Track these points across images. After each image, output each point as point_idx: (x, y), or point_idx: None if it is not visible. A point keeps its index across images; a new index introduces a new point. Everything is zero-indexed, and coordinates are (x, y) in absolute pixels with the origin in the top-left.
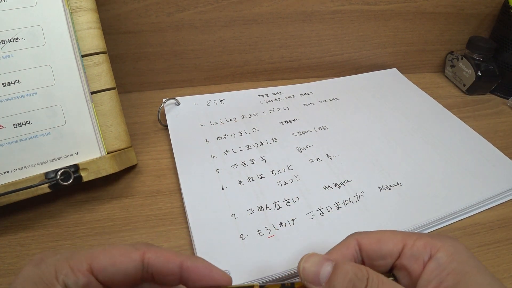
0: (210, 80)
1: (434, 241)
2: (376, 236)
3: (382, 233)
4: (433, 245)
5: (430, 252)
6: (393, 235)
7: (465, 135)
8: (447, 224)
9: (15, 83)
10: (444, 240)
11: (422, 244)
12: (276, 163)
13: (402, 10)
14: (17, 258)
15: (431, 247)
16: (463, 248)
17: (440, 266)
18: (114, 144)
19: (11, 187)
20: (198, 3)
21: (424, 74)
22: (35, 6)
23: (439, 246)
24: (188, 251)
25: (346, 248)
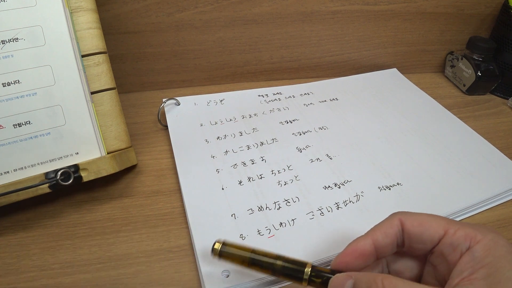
0: (210, 80)
1: (476, 233)
2: (419, 218)
3: (425, 216)
4: (474, 237)
5: (470, 244)
6: (436, 220)
7: (465, 135)
8: None
9: (15, 83)
10: (485, 233)
11: (463, 234)
12: (276, 163)
13: (402, 10)
14: (17, 258)
15: (471, 239)
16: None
17: (475, 259)
18: (114, 144)
19: (11, 187)
20: (198, 3)
21: (424, 74)
22: (35, 6)
23: (479, 239)
24: (188, 251)
25: (390, 227)
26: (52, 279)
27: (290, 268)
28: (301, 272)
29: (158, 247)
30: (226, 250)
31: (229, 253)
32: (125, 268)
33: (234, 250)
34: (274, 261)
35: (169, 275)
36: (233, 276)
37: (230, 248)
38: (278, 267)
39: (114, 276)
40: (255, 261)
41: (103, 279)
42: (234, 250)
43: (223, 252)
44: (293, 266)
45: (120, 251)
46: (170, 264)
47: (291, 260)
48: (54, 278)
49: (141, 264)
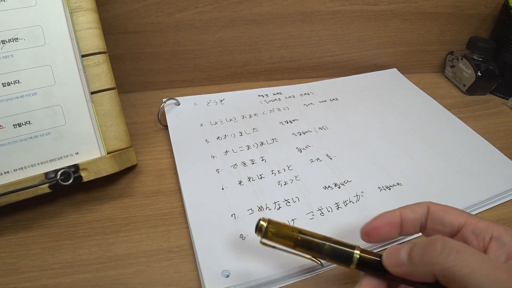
0: (210, 80)
1: (496, 225)
2: (444, 207)
3: (450, 207)
4: (495, 227)
5: (492, 233)
6: (459, 211)
7: (465, 135)
8: None
9: (15, 83)
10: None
11: (484, 225)
12: (276, 163)
13: (402, 10)
14: (17, 258)
15: (492, 229)
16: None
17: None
18: (114, 144)
19: (11, 187)
20: (198, 3)
21: (424, 74)
22: (35, 6)
23: (501, 229)
24: (188, 251)
25: (418, 206)
26: (52, 279)
27: (339, 251)
28: (349, 255)
29: (158, 247)
30: (273, 228)
31: (275, 232)
32: (125, 268)
33: (281, 230)
34: (322, 242)
35: (169, 275)
36: (233, 276)
37: (277, 227)
38: (327, 250)
39: (114, 276)
40: (303, 242)
41: (103, 279)
42: (281, 229)
43: (268, 231)
44: (342, 248)
45: (120, 251)
46: (170, 264)
47: (340, 243)
48: (54, 278)
49: (141, 264)
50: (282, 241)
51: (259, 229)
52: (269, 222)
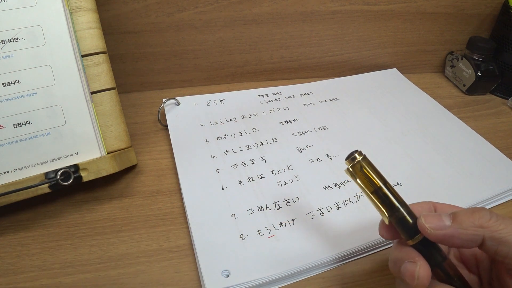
0: (210, 80)
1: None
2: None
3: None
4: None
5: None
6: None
7: (465, 135)
8: None
9: (15, 83)
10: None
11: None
12: (276, 163)
13: (402, 10)
14: (17, 258)
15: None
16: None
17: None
18: (114, 144)
19: (11, 187)
20: (198, 3)
21: (424, 74)
22: (35, 6)
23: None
24: (188, 251)
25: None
26: (52, 279)
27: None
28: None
29: (158, 247)
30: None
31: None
32: (125, 268)
33: (370, 172)
34: (398, 206)
35: (169, 275)
36: (233, 276)
37: (368, 167)
38: (398, 215)
39: (114, 276)
40: (383, 194)
41: (103, 279)
42: (370, 171)
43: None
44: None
45: (120, 251)
46: (170, 264)
47: (413, 216)
48: (54, 278)
49: (141, 264)
50: (364, 181)
51: (351, 159)
52: (363, 159)
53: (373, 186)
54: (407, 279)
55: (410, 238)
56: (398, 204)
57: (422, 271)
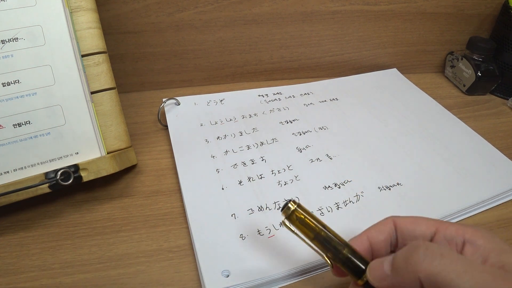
0: (210, 80)
1: (466, 228)
2: (411, 218)
3: (417, 217)
4: (465, 230)
5: (464, 237)
6: (427, 220)
7: (465, 135)
8: None
9: (15, 83)
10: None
11: (454, 229)
12: (276, 163)
13: (402, 10)
14: (17, 258)
15: (463, 232)
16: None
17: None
18: (114, 144)
19: (11, 187)
20: (198, 3)
21: (424, 74)
22: (35, 6)
23: (471, 232)
24: (188, 251)
25: (383, 224)
26: (52, 279)
27: (353, 262)
28: (362, 271)
29: (158, 247)
30: (299, 214)
31: (300, 219)
32: (125, 268)
33: (306, 219)
34: (341, 248)
35: (169, 275)
36: (233, 276)
37: (303, 215)
38: (343, 256)
39: (114, 276)
40: (323, 238)
41: (103, 279)
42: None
43: (294, 215)
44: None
45: (120, 251)
46: (170, 264)
47: (358, 255)
48: (54, 278)
49: (141, 264)
50: (303, 229)
51: (286, 210)
52: (298, 206)
53: (313, 232)
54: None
55: (358, 279)
56: (341, 246)
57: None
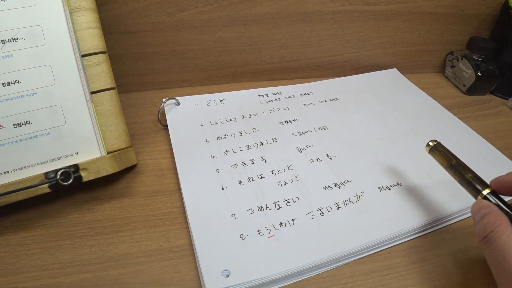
0: (210, 80)
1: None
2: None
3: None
4: None
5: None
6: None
7: (465, 135)
8: (448, 224)
9: (15, 83)
10: None
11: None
12: (276, 163)
13: (402, 10)
14: (17, 258)
15: None
16: None
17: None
18: (114, 144)
19: (11, 187)
20: (198, 3)
21: (424, 74)
22: (35, 6)
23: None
24: (188, 251)
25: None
26: (52, 279)
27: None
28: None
29: (158, 247)
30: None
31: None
32: (125, 268)
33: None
34: (465, 173)
35: (169, 275)
36: (233, 276)
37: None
38: (467, 178)
39: (114, 276)
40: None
41: (103, 279)
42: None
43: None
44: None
45: (120, 251)
46: (170, 264)
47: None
48: (54, 278)
49: (141, 264)
50: (440, 159)
51: (428, 145)
52: (438, 143)
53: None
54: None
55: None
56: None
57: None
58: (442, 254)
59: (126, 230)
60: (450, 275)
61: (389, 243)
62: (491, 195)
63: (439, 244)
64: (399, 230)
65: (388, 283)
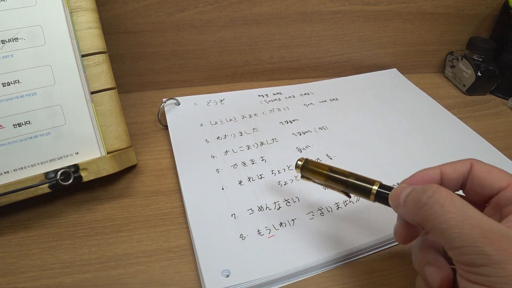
0: (210, 80)
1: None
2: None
3: (494, 168)
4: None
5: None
6: (504, 173)
7: (465, 135)
8: None
9: (15, 83)
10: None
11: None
12: (276, 163)
13: (402, 10)
14: (17, 258)
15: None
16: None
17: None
18: (114, 144)
19: (11, 187)
20: (198, 3)
21: (424, 74)
22: (35, 6)
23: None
24: (188, 251)
25: (460, 165)
26: (52, 279)
27: (359, 184)
28: (368, 189)
29: (158, 247)
30: (308, 166)
31: (309, 168)
32: (125, 268)
33: (314, 167)
34: (346, 178)
35: (169, 275)
36: (233, 276)
37: (311, 165)
38: (350, 184)
39: (114, 276)
40: (331, 176)
41: (103, 279)
42: (314, 166)
43: (304, 168)
44: (362, 182)
45: (120, 251)
46: (170, 264)
47: (362, 178)
48: (54, 278)
49: (141, 264)
50: (315, 176)
51: (297, 166)
52: (306, 161)
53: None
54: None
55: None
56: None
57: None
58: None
59: (126, 230)
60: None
61: (389, 243)
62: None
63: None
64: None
65: (388, 283)
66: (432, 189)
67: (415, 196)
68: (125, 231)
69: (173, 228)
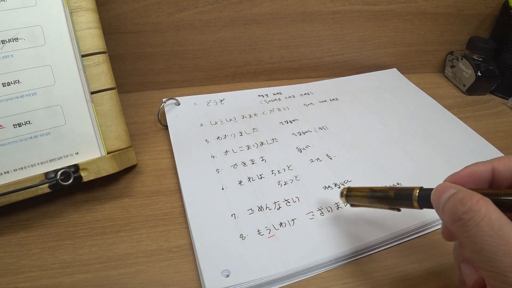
0: (210, 80)
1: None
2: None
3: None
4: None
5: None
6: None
7: (465, 135)
8: None
9: (15, 83)
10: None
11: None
12: (276, 163)
13: (402, 10)
14: (17, 258)
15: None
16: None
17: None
18: (114, 144)
19: (11, 187)
20: (198, 3)
21: (424, 74)
22: (35, 6)
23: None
24: (188, 251)
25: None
26: (52, 279)
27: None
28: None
29: (158, 247)
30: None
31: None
32: (125, 268)
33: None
34: (386, 193)
35: (169, 275)
36: (233, 276)
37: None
38: (392, 198)
39: (114, 276)
40: (373, 197)
41: (103, 279)
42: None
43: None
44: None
45: (120, 251)
46: (170, 264)
47: (402, 188)
48: (54, 278)
49: (141, 264)
50: (360, 201)
51: (341, 195)
52: (348, 189)
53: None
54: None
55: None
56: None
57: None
58: (442, 253)
59: (126, 230)
60: (450, 275)
61: (390, 243)
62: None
63: (439, 244)
64: (400, 230)
65: (388, 283)
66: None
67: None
68: (125, 231)
69: (173, 228)
